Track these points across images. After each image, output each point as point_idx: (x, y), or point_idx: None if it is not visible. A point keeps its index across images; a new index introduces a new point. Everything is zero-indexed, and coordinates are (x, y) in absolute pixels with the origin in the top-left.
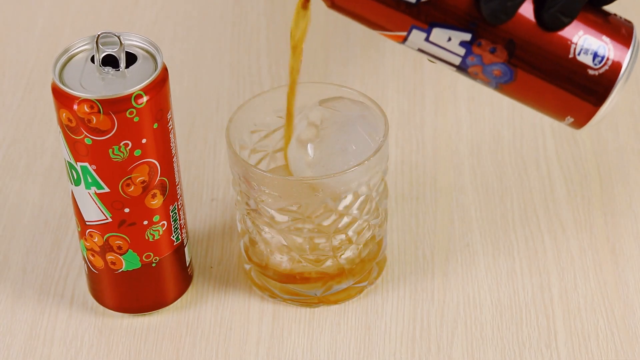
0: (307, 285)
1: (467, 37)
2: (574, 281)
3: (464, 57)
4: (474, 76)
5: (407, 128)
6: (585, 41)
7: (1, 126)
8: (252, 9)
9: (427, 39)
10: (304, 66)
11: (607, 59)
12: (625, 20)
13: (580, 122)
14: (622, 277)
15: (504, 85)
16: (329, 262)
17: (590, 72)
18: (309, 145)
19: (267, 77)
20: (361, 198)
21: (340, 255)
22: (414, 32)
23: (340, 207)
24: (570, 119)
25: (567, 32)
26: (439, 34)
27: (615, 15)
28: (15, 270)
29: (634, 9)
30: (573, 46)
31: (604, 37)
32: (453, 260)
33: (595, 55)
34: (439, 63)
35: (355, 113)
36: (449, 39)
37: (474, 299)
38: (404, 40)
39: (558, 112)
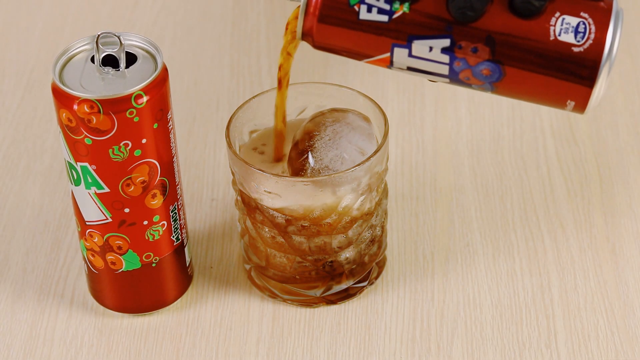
0: (307, 285)
1: (446, 42)
2: (574, 281)
3: (451, 64)
4: (467, 82)
5: (407, 128)
6: (563, 20)
7: (1, 126)
8: (252, 9)
9: (410, 55)
10: (305, 66)
11: (590, 32)
12: None
13: (581, 104)
14: (622, 277)
15: (497, 83)
16: (328, 263)
17: (575, 49)
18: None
19: (267, 77)
20: (361, 198)
21: (340, 256)
22: (396, 50)
23: (340, 207)
24: (571, 103)
25: (543, 15)
26: (419, 47)
27: None
28: (15, 270)
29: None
30: (552, 28)
31: (582, 13)
32: (453, 260)
33: (576, 32)
34: (435, 79)
35: (345, 126)
36: (431, 49)
37: (474, 299)
38: (390, 63)
39: (557, 100)
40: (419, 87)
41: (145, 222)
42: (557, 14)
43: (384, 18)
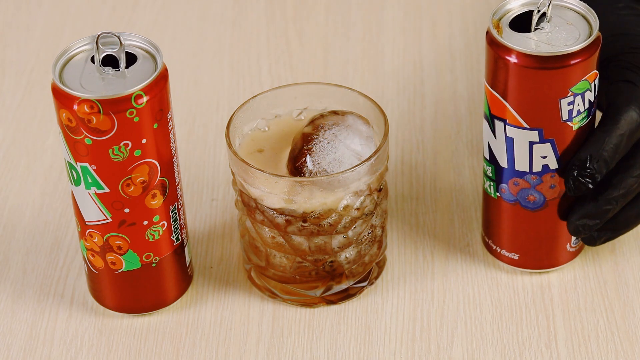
0: (307, 285)
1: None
2: (574, 281)
3: (539, 174)
4: (515, 182)
5: (407, 128)
6: None
7: (1, 126)
8: (252, 9)
9: (535, 142)
10: (305, 66)
11: None
12: None
13: None
14: (622, 277)
15: (530, 209)
16: (328, 263)
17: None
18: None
19: (267, 77)
20: (361, 198)
21: (340, 256)
22: (533, 134)
23: (340, 207)
24: None
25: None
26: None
27: None
28: (15, 270)
29: None
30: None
31: None
32: (453, 260)
33: None
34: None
35: (343, 130)
36: (545, 157)
37: (474, 299)
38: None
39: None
40: (418, 87)
41: (145, 222)
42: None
43: None
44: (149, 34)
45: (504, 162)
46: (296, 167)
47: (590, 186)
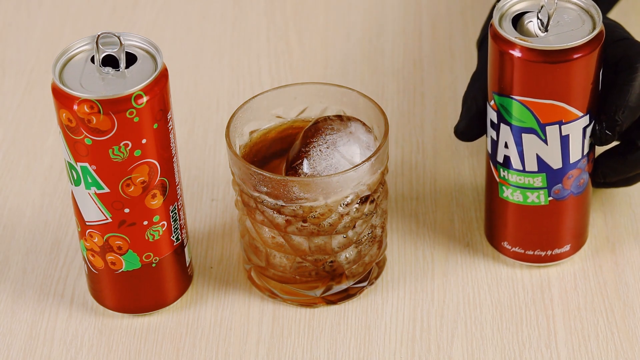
0: (307, 285)
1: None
2: (574, 281)
3: (587, 155)
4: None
5: (407, 128)
6: None
7: (1, 126)
8: (252, 9)
9: (586, 126)
10: (305, 66)
11: None
12: None
13: None
14: (622, 277)
15: (580, 194)
16: (328, 263)
17: None
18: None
19: (267, 77)
20: (361, 198)
21: (340, 256)
22: (586, 118)
23: (340, 207)
24: None
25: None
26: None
27: None
28: (15, 270)
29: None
30: None
31: None
32: (453, 260)
33: None
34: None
35: (344, 137)
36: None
37: (474, 299)
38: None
39: None
40: (418, 87)
41: (145, 222)
42: None
43: None
44: (149, 34)
45: (558, 164)
46: (292, 167)
47: (617, 136)
